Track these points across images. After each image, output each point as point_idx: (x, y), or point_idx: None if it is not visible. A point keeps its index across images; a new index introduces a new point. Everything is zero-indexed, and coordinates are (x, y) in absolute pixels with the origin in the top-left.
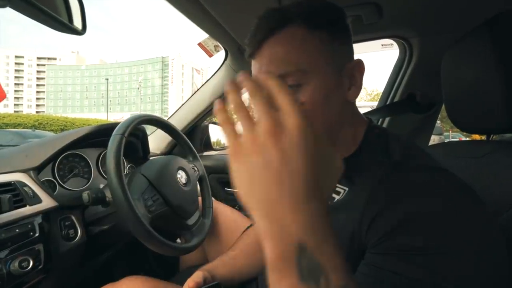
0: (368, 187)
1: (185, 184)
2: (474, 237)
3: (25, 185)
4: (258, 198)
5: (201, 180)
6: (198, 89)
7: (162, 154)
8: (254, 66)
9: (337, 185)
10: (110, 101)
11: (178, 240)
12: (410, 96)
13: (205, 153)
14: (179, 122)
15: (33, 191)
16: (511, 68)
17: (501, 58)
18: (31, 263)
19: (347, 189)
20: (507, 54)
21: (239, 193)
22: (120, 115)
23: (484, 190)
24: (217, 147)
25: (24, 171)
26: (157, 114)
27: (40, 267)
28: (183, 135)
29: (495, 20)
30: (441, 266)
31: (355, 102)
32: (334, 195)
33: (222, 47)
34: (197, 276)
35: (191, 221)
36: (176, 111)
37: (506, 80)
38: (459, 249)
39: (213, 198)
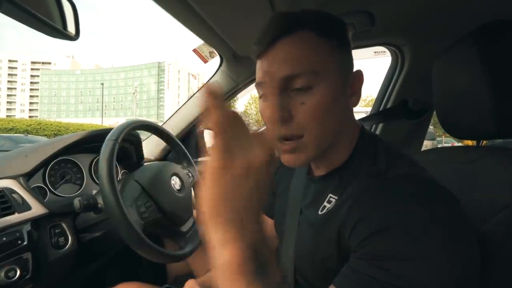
0: (353, 195)
1: (179, 190)
2: (448, 245)
3: (14, 192)
4: (229, 210)
5: (195, 186)
6: (192, 95)
7: (156, 160)
8: (263, 64)
9: (330, 194)
10: (105, 106)
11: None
12: (402, 103)
13: (200, 159)
14: (173, 128)
15: (22, 198)
16: (497, 75)
17: (488, 66)
18: (18, 272)
19: (336, 197)
20: (494, 62)
21: (210, 207)
22: (115, 120)
23: (472, 195)
24: None
25: (14, 177)
26: (153, 119)
27: (28, 276)
28: (178, 140)
29: (482, 30)
30: (413, 273)
31: (352, 110)
32: (325, 204)
33: (217, 53)
34: (191, 285)
35: (185, 227)
36: (170, 116)
37: (493, 87)
38: (431, 256)
39: None
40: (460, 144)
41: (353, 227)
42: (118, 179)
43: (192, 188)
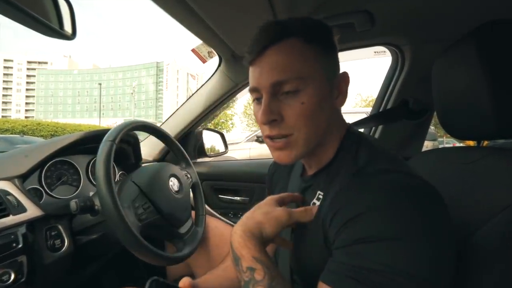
0: (334, 191)
1: (177, 191)
2: (420, 229)
3: (9, 193)
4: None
5: (194, 187)
6: (191, 95)
7: (154, 161)
8: (254, 71)
9: (319, 191)
10: (103, 106)
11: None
12: (403, 103)
13: (199, 160)
14: (172, 128)
15: (17, 200)
16: (497, 75)
17: (488, 66)
18: (13, 276)
19: (323, 193)
20: (494, 61)
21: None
22: (113, 121)
23: (473, 195)
24: (211, 153)
25: (9, 179)
26: (151, 120)
27: (23, 280)
28: (176, 141)
29: (482, 30)
30: (379, 256)
31: (340, 109)
32: (315, 201)
33: (215, 53)
34: (186, 281)
35: (183, 229)
36: (169, 117)
37: (494, 87)
38: (403, 238)
39: (207, 207)
40: (461, 144)
41: (331, 220)
42: (116, 180)
43: (190, 190)
